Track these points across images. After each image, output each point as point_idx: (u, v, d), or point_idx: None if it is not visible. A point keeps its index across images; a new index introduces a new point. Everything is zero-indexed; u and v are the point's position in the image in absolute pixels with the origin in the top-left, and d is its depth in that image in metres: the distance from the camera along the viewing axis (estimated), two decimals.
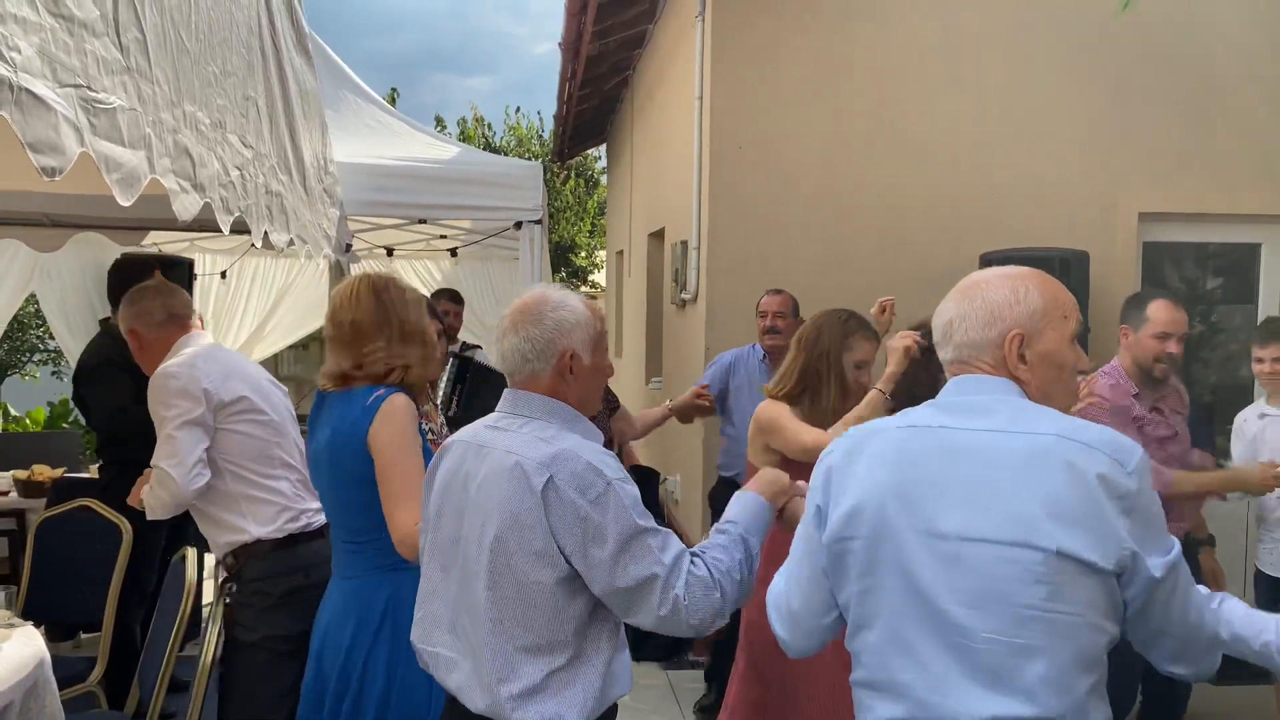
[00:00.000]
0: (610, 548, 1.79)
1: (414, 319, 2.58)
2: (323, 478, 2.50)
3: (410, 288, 2.66)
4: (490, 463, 1.91)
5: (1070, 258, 5.00)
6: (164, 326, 3.09)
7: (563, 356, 1.95)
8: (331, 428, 2.44)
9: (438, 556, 2.02)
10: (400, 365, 2.51)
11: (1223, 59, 5.45)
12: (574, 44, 8.08)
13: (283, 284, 8.11)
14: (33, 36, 1.51)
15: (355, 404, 2.42)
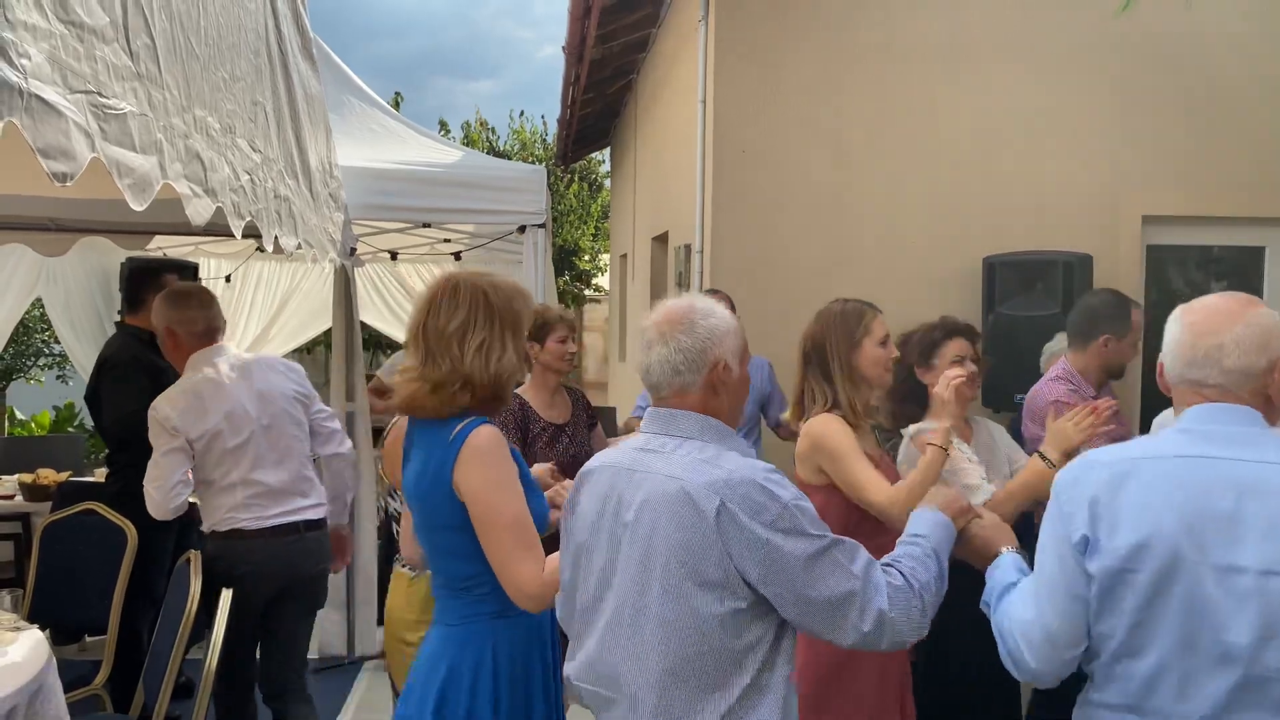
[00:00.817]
0: (798, 569, 1.70)
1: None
2: (416, 515, 2.23)
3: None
4: (648, 489, 1.78)
5: (1074, 261, 4.99)
6: (200, 338, 3.47)
7: (715, 367, 1.84)
8: (419, 464, 2.15)
9: (589, 591, 1.87)
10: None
11: (1226, 61, 5.44)
12: (577, 48, 8.10)
13: (287, 288, 8.13)
14: (43, 43, 1.52)
15: (440, 437, 2.12)
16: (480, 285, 2.14)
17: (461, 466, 2.05)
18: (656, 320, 1.88)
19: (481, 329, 2.10)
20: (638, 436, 1.91)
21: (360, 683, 4.85)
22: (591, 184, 19.70)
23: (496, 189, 5.45)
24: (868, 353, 2.81)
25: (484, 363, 2.10)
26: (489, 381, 2.11)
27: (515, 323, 2.15)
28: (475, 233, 6.53)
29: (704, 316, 1.86)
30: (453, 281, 2.16)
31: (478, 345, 2.09)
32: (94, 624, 3.88)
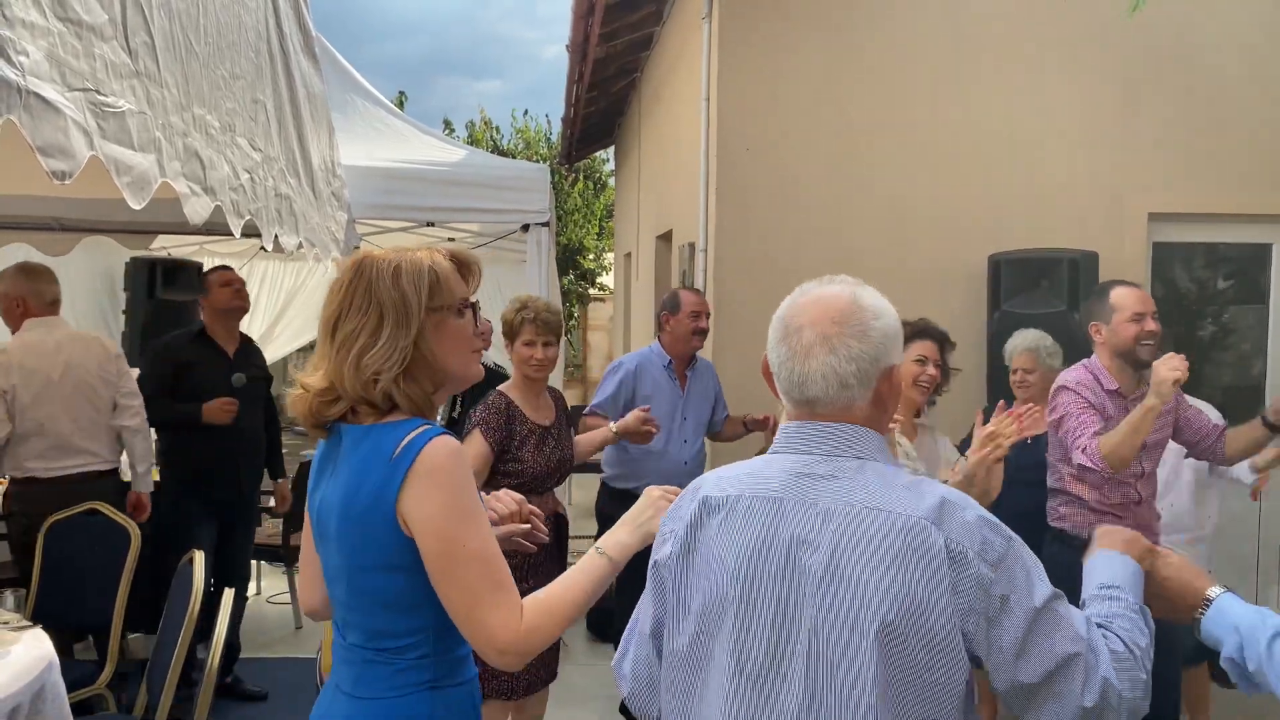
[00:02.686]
0: (1020, 623, 1.37)
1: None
2: (329, 549, 1.72)
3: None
4: (840, 524, 1.41)
5: (1079, 259, 4.97)
6: (46, 307, 4.12)
7: (887, 376, 1.51)
8: (344, 485, 1.68)
9: (747, 663, 1.42)
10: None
11: (1232, 58, 5.42)
12: (581, 46, 8.10)
13: (291, 287, 8.14)
14: (41, 41, 1.51)
15: (378, 450, 1.65)
16: (365, 264, 1.71)
17: (412, 489, 1.59)
18: (814, 319, 1.54)
19: (352, 318, 1.67)
20: (778, 458, 1.52)
21: None
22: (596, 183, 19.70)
23: (500, 188, 5.45)
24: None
25: (347, 361, 1.65)
26: (358, 386, 1.64)
27: (399, 307, 1.66)
28: (479, 232, 6.53)
29: (875, 316, 1.54)
30: (344, 263, 1.78)
31: (343, 339, 1.67)
32: (97, 624, 3.88)
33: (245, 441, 4.49)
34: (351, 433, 1.69)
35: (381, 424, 1.66)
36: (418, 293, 1.67)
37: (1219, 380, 5.81)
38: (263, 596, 6.27)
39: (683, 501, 1.57)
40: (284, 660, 5.15)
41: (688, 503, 1.55)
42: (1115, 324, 3.39)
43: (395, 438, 1.63)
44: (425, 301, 1.67)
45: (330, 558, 1.72)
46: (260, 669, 4.93)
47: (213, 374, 4.38)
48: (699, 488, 1.56)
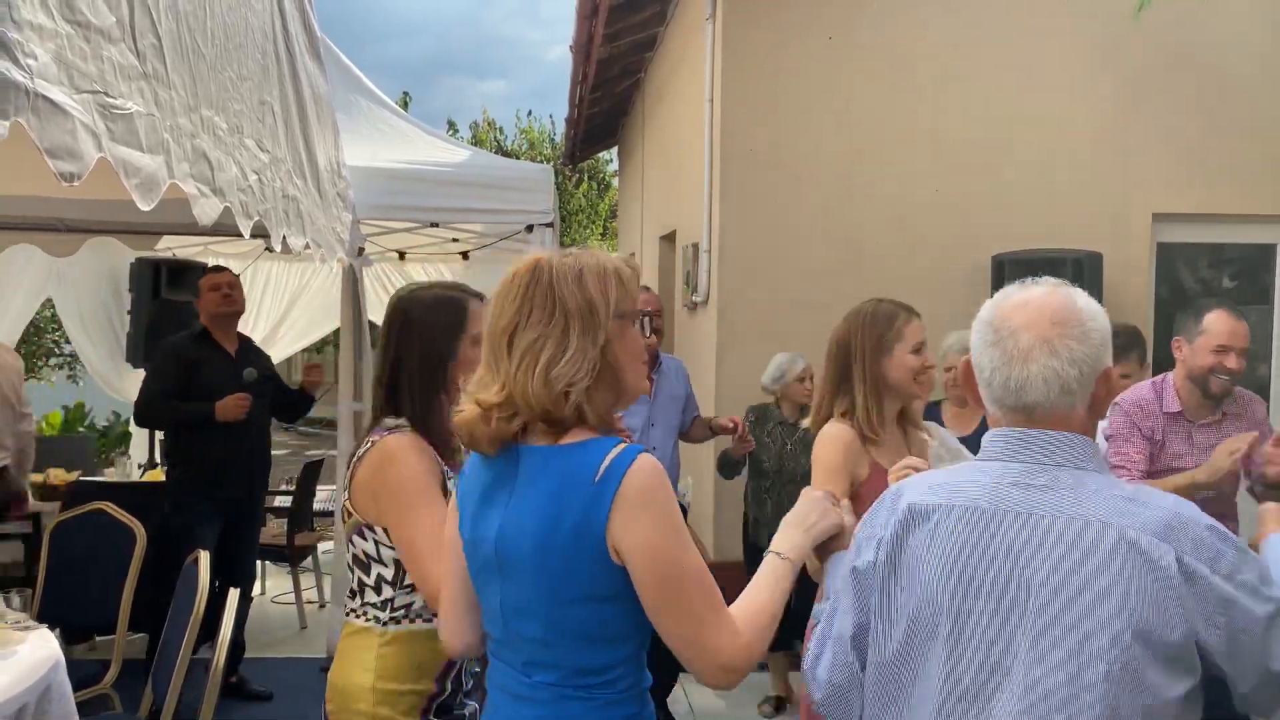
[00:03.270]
0: (1259, 633, 1.35)
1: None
2: (514, 583, 1.57)
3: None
4: (1062, 537, 1.38)
5: (1084, 259, 4.98)
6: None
7: (1103, 380, 1.47)
8: (537, 512, 1.54)
9: (968, 671, 1.39)
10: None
11: (1237, 59, 5.42)
12: (585, 47, 8.10)
13: (295, 287, 8.14)
14: (49, 43, 1.52)
15: (574, 472, 1.53)
16: (542, 266, 1.58)
17: (622, 514, 1.48)
18: (1030, 322, 1.45)
19: (534, 326, 1.54)
20: (989, 466, 1.48)
21: None
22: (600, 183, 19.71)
23: (504, 188, 5.44)
24: (898, 359, 2.54)
25: (535, 374, 1.52)
26: (545, 401, 1.52)
27: (586, 312, 1.54)
28: (483, 232, 6.52)
29: (1091, 317, 1.47)
30: (516, 266, 1.63)
31: (524, 349, 1.54)
32: (103, 623, 3.89)
33: (254, 439, 4.53)
34: (534, 454, 1.55)
35: (571, 444, 1.54)
36: (604, 296, 1.56)
37: None
38: (267, 596, 6.28)
39: (880, 509, 1.53)
40: (288, 660, 5.16)
41: (886, 510, 1.51)
42: (1197, 346, 3.23)
43: (594, 459, 1.51)
44: (613, 306, 1.56)
45: (517, 592, 1.55)
46: (264, 668, 4.94)
47: (219, 373, 4.41)
48: (900, 495, 1.51)
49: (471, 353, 2.01)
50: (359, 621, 2.05)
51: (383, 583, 2.03)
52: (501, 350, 1.56)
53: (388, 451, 1.98)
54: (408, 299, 2.10)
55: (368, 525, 2.01)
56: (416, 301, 2.09)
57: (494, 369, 1.57)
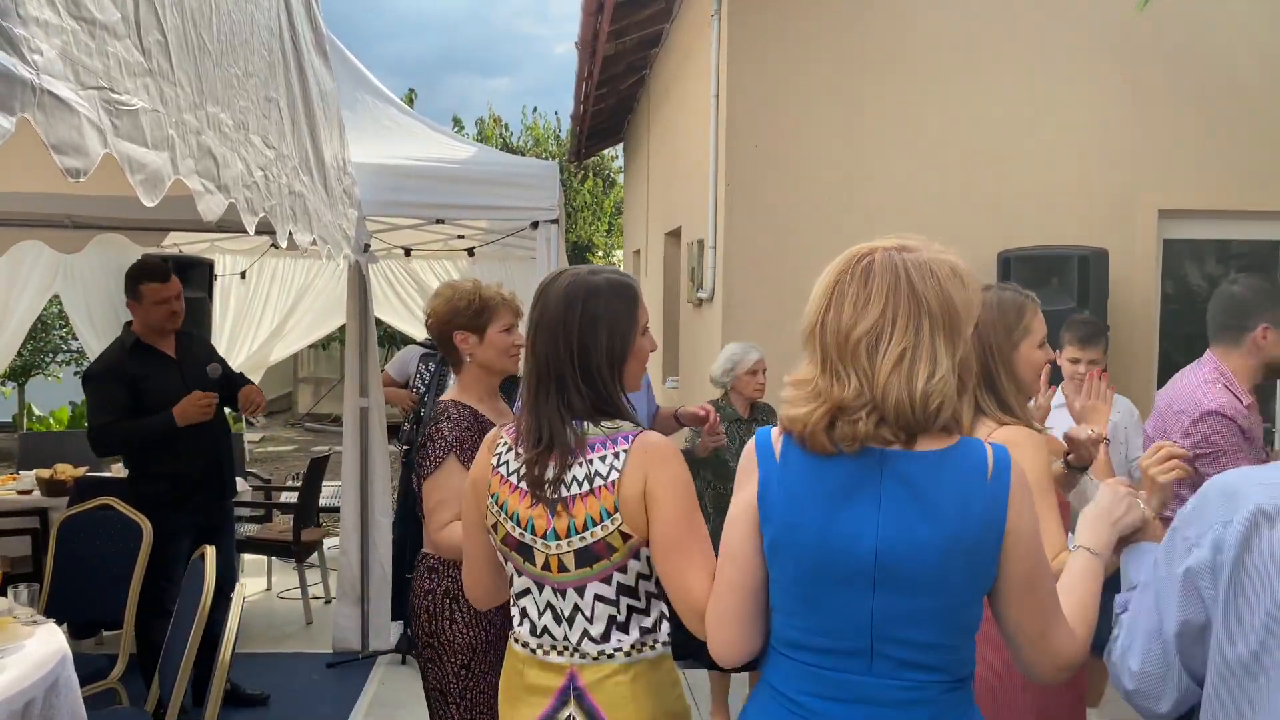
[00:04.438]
0: None
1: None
2: (908, 593, 1.52)
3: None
4: None
5: (1089, 255, 4.96)
6: None
7: None
8: (939, 515, 1.51)
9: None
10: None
11: (1242, 55, 5.40)
12: (590, 43, 8.10)
13: (302, 284, 8.16)
14: (54, 39, 1.52)
15: (962, 471, 1.52)
16: (899, 263, 1.54)
17: (1017, 507, 1.51)
18: None
19: (901, 335, 1.51)
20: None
21: (374, 677, 4.86)
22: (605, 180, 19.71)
23: (509, 185, 5.45)
24: (1025, 355, 2.31)
25: (913, 383, 1.50)
26: (919, 413, 1.50)
27: (951, 321, 1.53)
28: (489, 229, 6.53)
29: None
30: (863, 260, 1.58)
31: (895, 357, 1.50)
32: (110, 619, 3.90)
33: (221, 445, 4.32)
34: (909, 459, 1.53)
35: (951, 447, 1.54)
36: (966, 302, 1.55)
37: None
38: (273, 592, 6.30)
39: (1211, 507, 1.50)
40: (294, 655, 5.18)
41: (1219, 509, 1.49)
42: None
43: (978, 457, 1.53)
44: (976, 312, 1.58)
45: (906, 601, 1.52)
46: (270, 664, 4.96)
47: (165, 380, 4.14)
48: (1234, 495, 1.49)
49: (642, 343, 1.94)
50: (644, 654, 1.88)
51: (652, 597, 1.88)
52: (856, 353, 1.53)
53: (661, 445, 1.83)
54: (583, 286, 1.90)
55: (645, 542, 1.82)
56: (595, 289, 1.89)
57: (842, 370, 1.54)
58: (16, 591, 3.23)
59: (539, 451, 1.84)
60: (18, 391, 11.45)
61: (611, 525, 1.79)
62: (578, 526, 1.81)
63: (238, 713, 4.38)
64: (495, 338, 2.72)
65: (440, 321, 2.71)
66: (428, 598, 2.59)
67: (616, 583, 1.83)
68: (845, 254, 1.61)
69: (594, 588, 1.83)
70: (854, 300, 1.55)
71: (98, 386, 4.12)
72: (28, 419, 11.43)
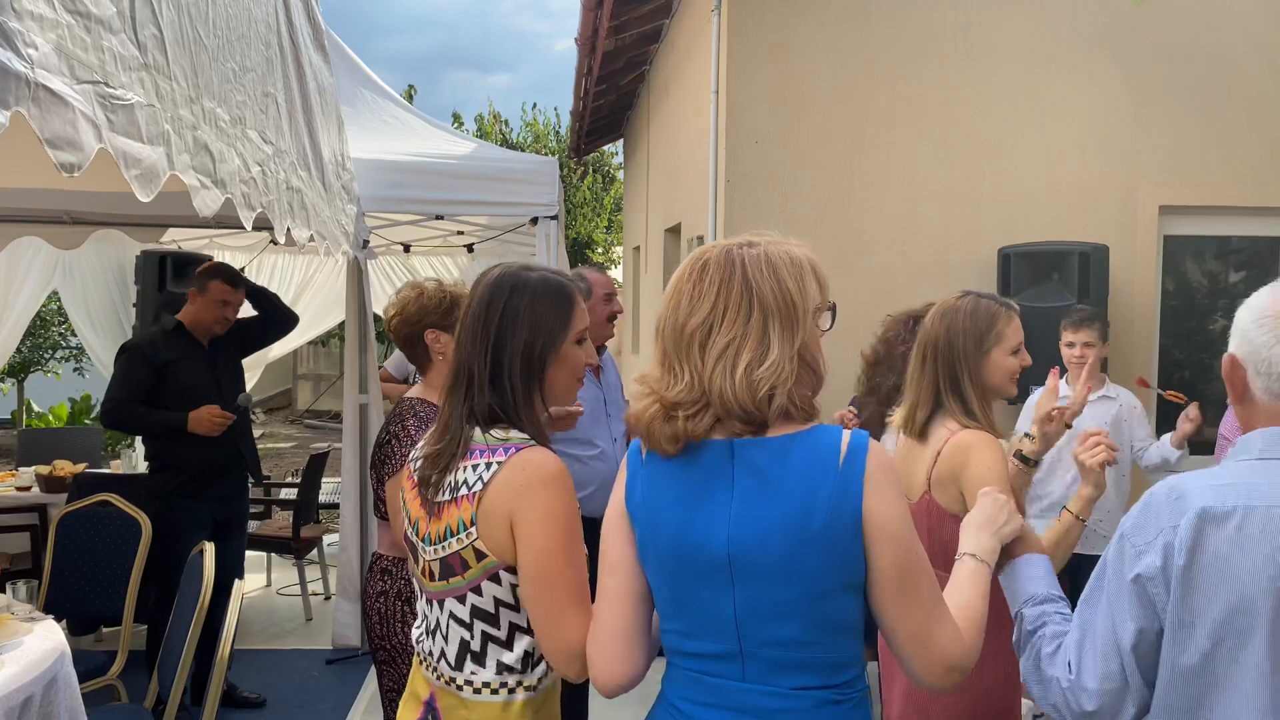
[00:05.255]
0: None
1: None
2: (761, 584, 1.47)
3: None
4: None
5: (1090, 251, 4.95)
6: None
7: None
8: (783, 503, 1.45)
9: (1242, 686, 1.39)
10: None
11: (1242, 51, 5.39)
12: (590, 39, 8.09)
13: (301, 280, 8.15)
14: (50, 33, 1.52)
15: (815, 459, 1.47)
16: (732, 257, 1.52)
17: (877, 494, 1.44)
18: None
19: (730, 325, 1.48)
20: (1274, 464, 1.45)
21: (374, 674, 4.86)
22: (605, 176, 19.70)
23: (509, 181, 5.45)
24: (996, 361, 2.38)
25: (737, 376, 1.46)
26: (749, 402, 1.46)
27: (786, 309, 1.50)
28: (488, 225, 6.53)
29: None
30: (703, 257, 1.55)
31: (722, 349, 1.48)
32: (109, 615, 3.91)
33: (241, 442, 4.39)
34: (757, 447, 1.47)
35: (798, 433, 1.48)
36: (802, 292, 1.51)
37: None
38: (273, 588, 6.30)
39: (1160, 512, 1.47)
40: (294, 652, 5.18)
41: (1166, 514, 1.46)
42: None
43: (830, 444, 1.46)
44: (814, 301, 1.53)
45: (764, 593, 1.47)
46: (269, 661, 4.96)
47: (193, 371, 4.23)
48: (1181, 496, 1.46)
49: (572, 352, 1.77)
50: (497, 697, 1.70)
51: (516, 631, 1.71)
52: (690, 348, 1.50)
53: (540, 470, 1.65)
54: (511, 278, 1.76)
55: (508, 567, 1.67)
56: (523, 284, 1.75)
57: (677, 366, 1.51)
58: (15, 588, 3.23)
59: (436, 450, 1.74)
60: (17, 388, 11.45)
61: (466, 539, 1.66)
62: (441, 534, 1.70)
63: (237, 712, 4.38)
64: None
65: (409, 322, 2.62)
66: (380, 600, 2.53)
67: (470, 604, 1.69)
68: (690, 254, 1.59)
69: (450, 604, 1.71)
70: (690, 296, 1.52)
71: (128, 361, 4.22)
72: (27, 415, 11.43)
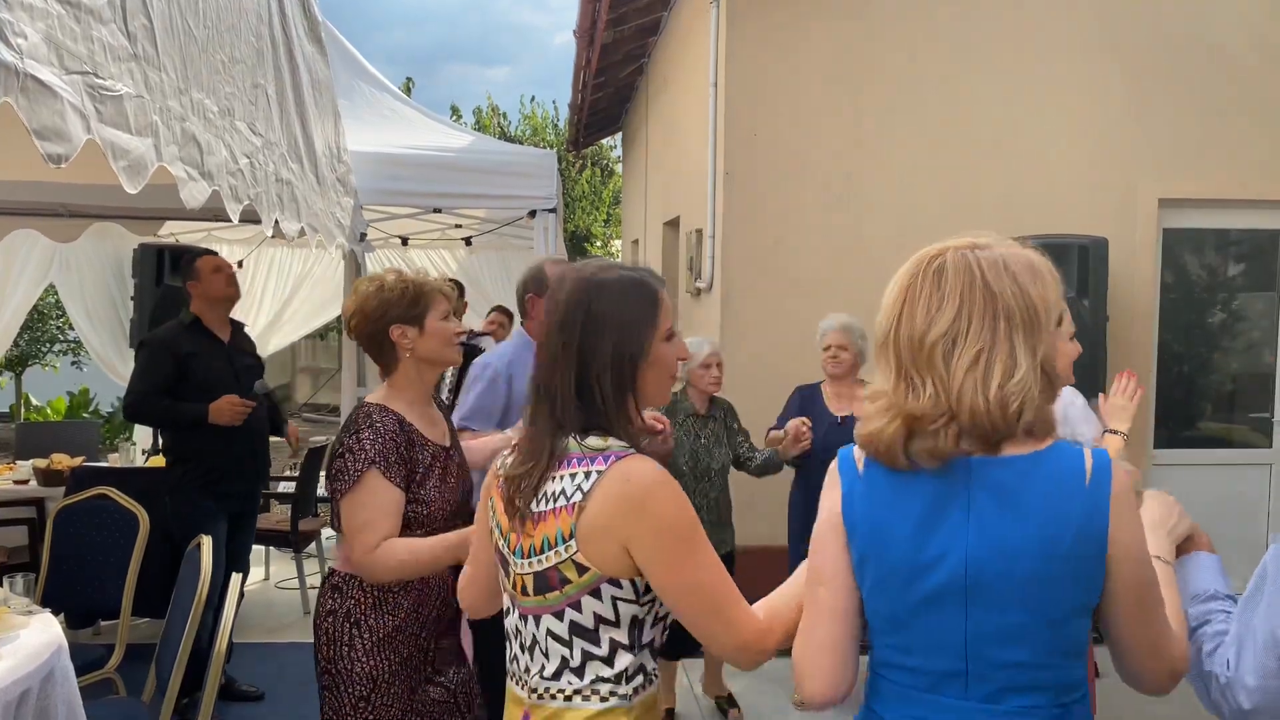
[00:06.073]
0: None
1: None
2: (999, 606, 1.42)
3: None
4: None
5: (1090, 245, 4.94)
6: None
7: None
8: (1028, 523, 1.40)
9: None
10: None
11: (1242, 44, 5.37)
12: (589, 31, 8.06)
13: (299, 273, 8.14)
14: (39, 23, 1.51)
15: (1068, 480, 1.41)
16: (974, 261, 1.47)
17: (1122, 514, 1.40)
18: None
19: (977, 335, 1.43)
20: None
21: None
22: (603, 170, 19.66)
23: (507, 174, 5.44)
24: (1060, 348, 2.30)
25: (990, 389, 1.40)
26: (999, 419, 1.41)
27: (1032, 320, 1.44)
28: (486, 218, 6.52)
29: None
30: (935, 261, 1.50)
31: (971, 360, 1.42)
32: (107, 608, 3.90)
33: (257, 435, 4.42)
34: (998, 466, 1.42)
35: (1041, 451, 1.42)
36: (1044, 297, 1.45)
37: (1228, 367, 5.77)
38: (271, 582, 6.30)
39: None
40: (292, 645, 5.17)
41: None
42: None
43: (1073, 462, 1.41)
44: (1056, 308, 1.47)
45: (999, 616, 1.42)
46: (268, 654, 4.95)
47: (214, 364, 4.26)
48: None
49: (663, 350, 1.69)
50: (591, 704, 1.63)
51: (618, 649, 1.63)
52: (931, 360, 1.44)
53: (644, 482, 1.57)
54: (589, 285, 1.68)
55: (610, 580, 1.59)
56: (602, 288, 1.67)
57: (916, 378, 1.45)
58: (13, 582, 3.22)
59: (525, 469, 1.66)
60: (15, 381, 11.45)
61: (565, 553, 1.58)
62: (536, 547, 1.62)
63: (234, 706, 4.38)
64: (435, 327, 2.43)
65: (371, 319, 2.39)
66: (328, 619, 2.33)
67: (569, 620, 1.61)
68: (915, 257, 1.53)
69: (546, 620, 1.64)
70: (926, 304, 1.46)
71: (149, 353, 4.24)
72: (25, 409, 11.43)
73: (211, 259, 4.38)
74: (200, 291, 4.30)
